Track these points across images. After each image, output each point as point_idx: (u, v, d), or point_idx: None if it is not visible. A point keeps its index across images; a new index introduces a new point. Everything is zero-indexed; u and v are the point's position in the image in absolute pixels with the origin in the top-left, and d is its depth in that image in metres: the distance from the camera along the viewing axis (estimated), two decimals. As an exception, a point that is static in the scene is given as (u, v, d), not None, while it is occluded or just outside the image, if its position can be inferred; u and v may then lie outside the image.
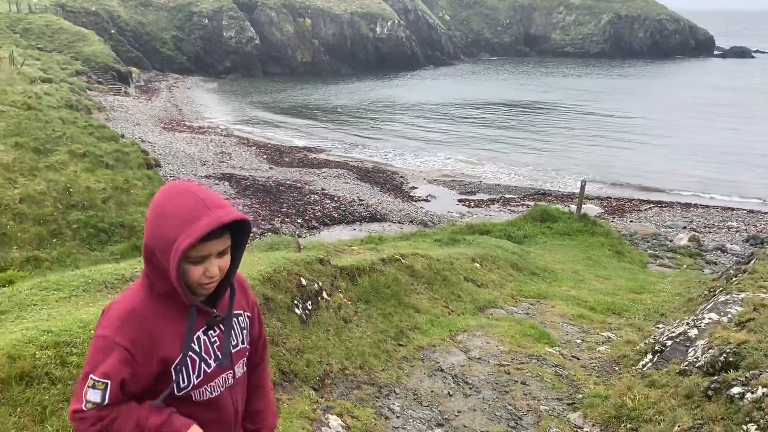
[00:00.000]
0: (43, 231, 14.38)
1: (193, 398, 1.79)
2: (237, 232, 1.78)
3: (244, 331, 1.95)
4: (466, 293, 7.87)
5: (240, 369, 1.95)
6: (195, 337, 1.78)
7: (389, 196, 21.97)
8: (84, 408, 1.67)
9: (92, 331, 3.47)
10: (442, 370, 5.51)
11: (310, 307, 5.37)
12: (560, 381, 5.39)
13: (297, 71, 65.26)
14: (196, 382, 1.78)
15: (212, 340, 1.82)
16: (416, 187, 23.65)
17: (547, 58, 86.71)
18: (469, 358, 5.82)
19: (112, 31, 55.09)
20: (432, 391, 5.08)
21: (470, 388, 5.17)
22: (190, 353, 1.76)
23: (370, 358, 5.39)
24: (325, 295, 5.68)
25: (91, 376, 1.67)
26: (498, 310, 7.68)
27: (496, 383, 5.27)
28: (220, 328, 1.85)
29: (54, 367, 3.19)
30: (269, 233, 17.01)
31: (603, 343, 6.64)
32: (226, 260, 1.77)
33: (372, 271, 6.70)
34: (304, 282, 5.45)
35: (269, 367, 2.23)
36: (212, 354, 1.82)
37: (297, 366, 4.63)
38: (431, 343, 6.09)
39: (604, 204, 22.03)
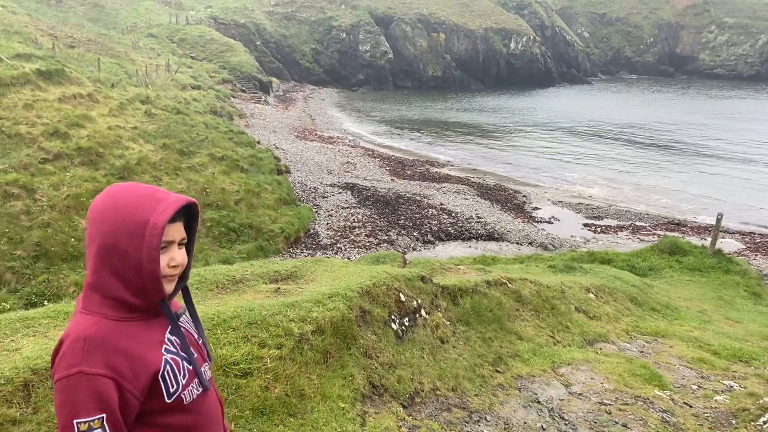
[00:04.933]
0: (180, 227, 15.52)
1: (185, 401, 1.68)
2: (188, 223, 1.74)
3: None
4: (576, 324, 7.55)
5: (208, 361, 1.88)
6: (167, 339, 1.69)
7: (509, 215, 21.55)
8: None
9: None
10: (538, 402, 5.33)
11: (407, 324, 5.40)
12: (666, 428, 5.02)
13: (426, 85, 66.08)
14: (183, 382, 1.68)
15: (179, 340, 1.74)
16: (539, 208, 23.02)
17: (693, 80, 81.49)
18: (570, 393, 5.58)
19: (258, 43, 58.82)
20: (525, 423, 4.92)
21: (566, 424, 4.96)
22: (171, 355, 1.67)
23: (464, 381, 5.33)
24: (423, 312, 5.69)
25: (76, 422, 1.46)
26: (608, 345, 7.29)
27: (594, 422, 5.01)
28: (179, 329, 1.76)
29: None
30: (385, 244, 17.30)
31: (722, 392, 6.10)
32: (185, 253, 1.71)
33: (475, 293, 6.61)
34: (402, 298, 5.50)
35: None
36: (186, 353, 1.74)
37: (388, 381, 4.67)
38: (531, 372, 5.91)
39: (746, 240, 20.23)
